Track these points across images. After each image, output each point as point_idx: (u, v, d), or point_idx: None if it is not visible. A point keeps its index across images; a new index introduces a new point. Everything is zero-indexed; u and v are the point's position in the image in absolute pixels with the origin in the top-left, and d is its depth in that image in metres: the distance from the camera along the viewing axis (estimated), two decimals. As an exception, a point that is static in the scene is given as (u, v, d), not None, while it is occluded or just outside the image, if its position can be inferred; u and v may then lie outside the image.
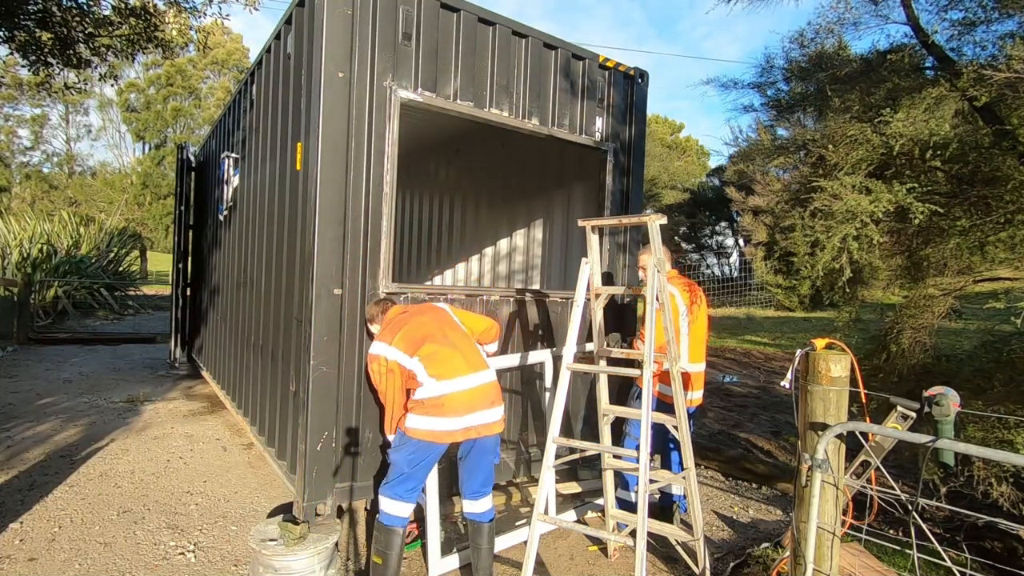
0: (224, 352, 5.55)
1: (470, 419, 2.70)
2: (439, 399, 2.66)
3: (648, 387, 2.72)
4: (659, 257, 2.89)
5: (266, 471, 4.33)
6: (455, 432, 2.69)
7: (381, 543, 2.73)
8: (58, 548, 3.14)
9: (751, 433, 5.83)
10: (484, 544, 2.83)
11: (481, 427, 2.73)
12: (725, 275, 23.78)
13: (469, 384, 2.71)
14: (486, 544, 2.83)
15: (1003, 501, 3.26)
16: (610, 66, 4.18)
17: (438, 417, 2.66)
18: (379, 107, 3.18)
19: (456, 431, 2.69)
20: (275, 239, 3.88)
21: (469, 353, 2.81)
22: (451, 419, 2.66)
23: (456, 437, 2.71)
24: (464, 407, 2.68)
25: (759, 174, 18.99)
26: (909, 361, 3.98)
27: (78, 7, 6.93)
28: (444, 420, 2.66)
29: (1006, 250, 3.76)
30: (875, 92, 3.95)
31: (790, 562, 2.30)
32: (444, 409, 2.66)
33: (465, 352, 2.79)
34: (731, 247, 27.70)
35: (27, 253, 12.63)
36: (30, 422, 5.29)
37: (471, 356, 2.81)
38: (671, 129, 36.66)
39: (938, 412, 2.26)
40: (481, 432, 2.74)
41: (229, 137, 5.62)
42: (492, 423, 2.77)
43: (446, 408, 2.66)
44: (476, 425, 2.72)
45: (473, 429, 2.71)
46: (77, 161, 41.51)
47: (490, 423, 2.76)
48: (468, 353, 2.80)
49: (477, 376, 2.76)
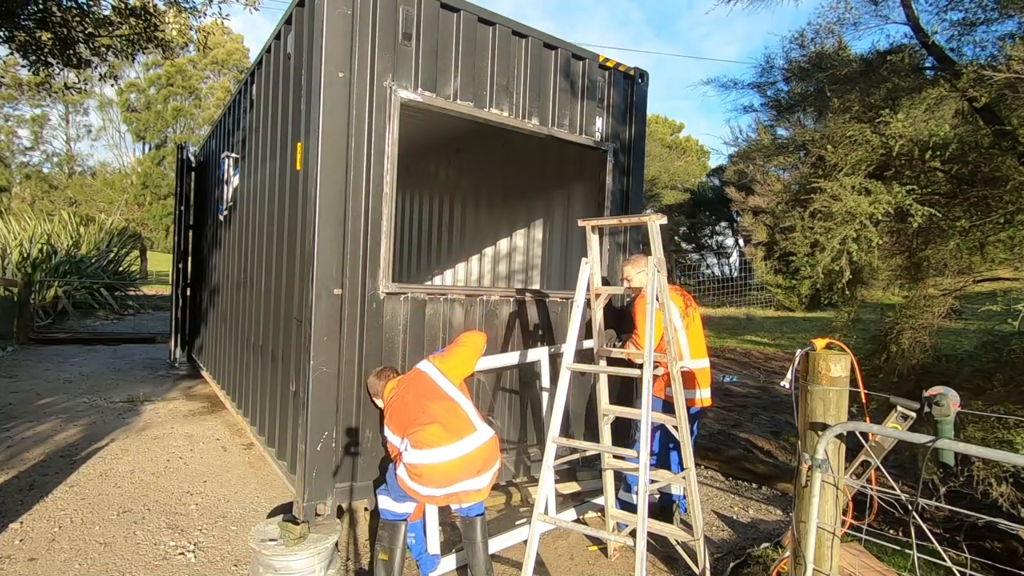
0: (224, 352, 5.56)
1: (452, 488, 2.65)
2: (418, 467, 2.60)
3: (648, 387, 2.72)
4: (659, 257, 2.89)
5: (266, 471, 4.33)
6: (437, 498, 2.67)
7: (387, 539, 2.76)
8: (58, 548, 3.14)
9: (751, 433, 5.82)
10: (478, 538, 2.82)
11: (463, 494, 2.69)
12: (725, 275, 23.78)
13: (451, 455, 2.60)
14: (480, 538, 2.82)
15: (1003, 501, 3.26)
16: (610, 66, 4.18)
17: (419, 484, 2.63)
18: (379, 107, 3.18)
19: (437, 497, 2.67)
20: (275, 239, 3.88)
21: (451, 422, 2.68)
22: (431, 488, 2.63)
23: (438, 502, 2.72)
24: (445, 479, 2.62)
25: (759, 174, 19.01)
26: (909, 361, 3.99)
27: (78, 7, 6.93)
28: (424, 488, 2.64)
29: (1006, 250, 3.76)
30: (875, 92, 3.95)
31: (790, 562, 2.30)
32: (423, 479, 2.61)
33: (447, 422, 2.67)
34: (731, 247, 27.72)
35: (27, 253, 12.63)
36: (30, 422, 5.29)
37: (454, 424, 2.68)
38: (671, 129, 36.66)
39: (938, 412, 2.26)
40: (463, 500, 2.72)
41: (229, 137, 5.62)
42: (476, 491, 2.71)
43: (424, 479, 2.61)
44: (459, 492, 2.67)
45: (455, 496, 2.69)
46: (77, 161, 41.54)
47: (473, 491, 2.70)
48: (450, 422, 2.67)
49: (462, 444, 2.64)
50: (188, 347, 7.90)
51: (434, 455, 2.59)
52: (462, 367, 2.95)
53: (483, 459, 2.70)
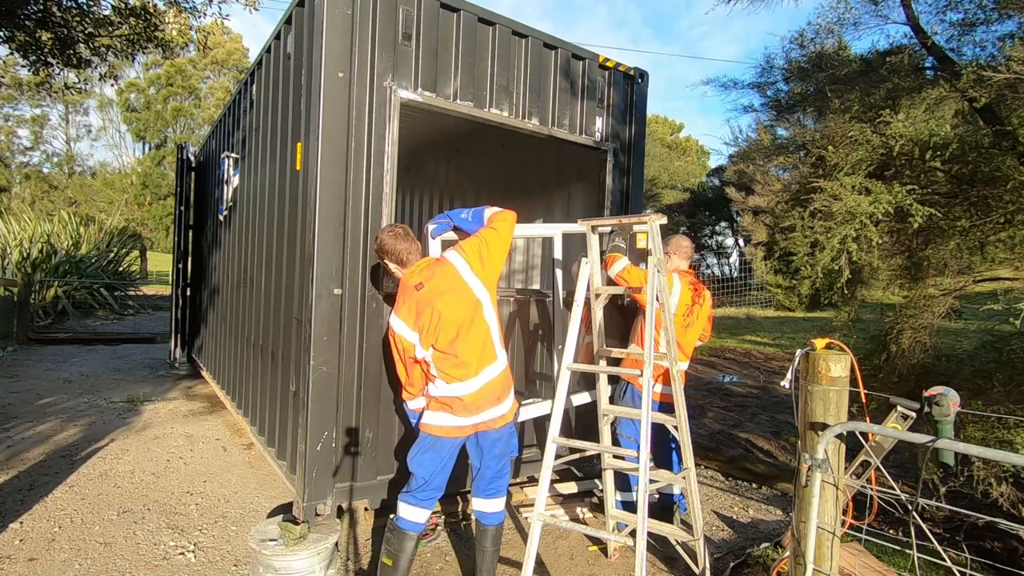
0: (224, 352, 5.55)
1: (477, 417, 2.72)
2: (448, 400, 2.69)
3: (648, 387, 2.72)
4: (659, 257, 2.89)
5: (266, 471, 4.33)
6: (464, 427, 2.72)
7: (394, 545, 2.71)
8: (58, 548, 3.14)
9: (751, 433, 5.82)
10: (489, 547, 2.81)
11: (489, 422, 2.76)
12: (725, 275, 23.78)
13: (475, 386, 2.69)
14: (491, 547, 2.81)
15: (1003, 501, 3.26)
16: (610, 66, 4.18)
17: (447, 414, 2.70)
18: (379, 107, 3.18)
19: (466, 427, 2.73)
20: (275, 239, 3.88)
21: (479, 348, 2.70)
22: (460, 417, 2.70)
23: (466, 432, 2.74)
24: (472, 408, 2.70)
25: (759, 174, 19.00)
26: (909, 361, 3.99)
27: (78, 7, 6.93)
28: (453, 417, 2.70)
29: (1006, 250, 3.76)
30: (875, 92, 3.96)
31: (790, 562, 2.30)
32: (453, 409, 2.70)
33: (475, 348, 2.68)
34: (731, 247, 27.73)
35: (27, 253, 12.62)
36: (30, 422, 5.29)
37: (481, 352, 2.70)
38: (671, 129, 36.66)
39: (938, 412, 2.26)
40: (489, 426, 2.77)
41: (229, 137, 5.62)
42: (498, 417, 2.77)
43: (455, 408, 2.69)
44: (485, 420, 2.75)
45: (482, 424, 2.75)
46: (77, 161, 41.53)
47: (496, 418, 2.77)
48: (477, 349, 2.69)
49: (484, 375, 2.71)
50: (188, 347, 7.90)
51: (463, 387, 2.67)
52: (497, 265, 2.81)
53: (501, 386, 2.77)
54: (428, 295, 2.64)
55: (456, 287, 2.67)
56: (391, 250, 2.74)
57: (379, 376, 3.25)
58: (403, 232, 2.77)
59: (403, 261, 2.75)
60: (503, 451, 2.84)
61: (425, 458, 2.72)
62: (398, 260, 2.75)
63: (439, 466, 2.73)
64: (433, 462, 2.72)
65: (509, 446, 2.87)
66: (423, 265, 2.74)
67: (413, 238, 2.79)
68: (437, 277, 2.66)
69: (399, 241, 2.74)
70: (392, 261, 2.77)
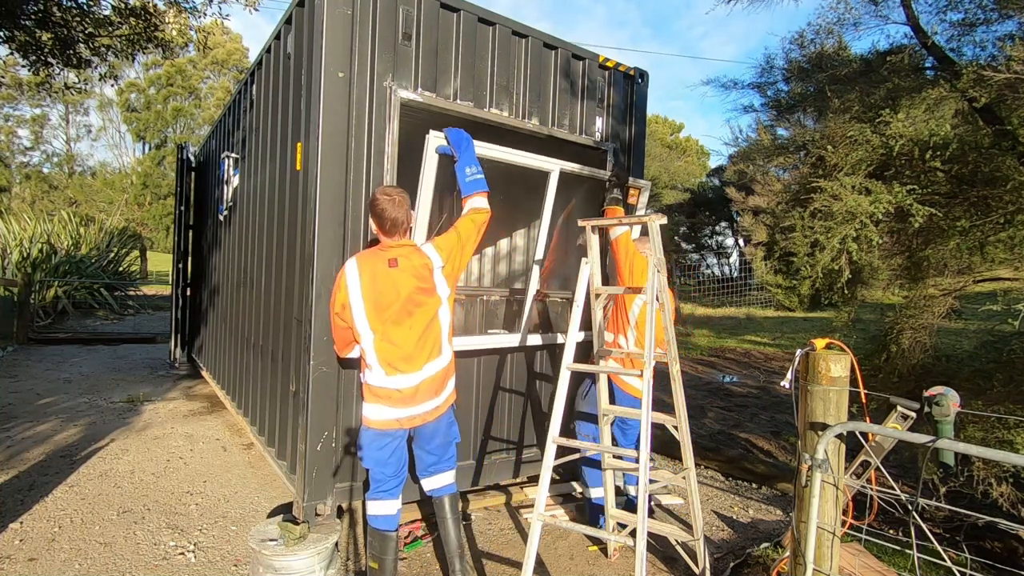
0: (224, 352, 5.55)
1: (414, 409, 2.73)
2: (386, 391, 2.69)
3: (648, 388, 2.71)
4: (659, 257, 2.89)
5: (266, 471, 4.33)
6: (402, 420, 2.72)
7: (375, 548, 2.74)
8: (58, 548, 3.14)
9: (751, 433, 5.83)
10: (448, 515, 2.83)
11: (425, 414, 2.76)
12: (725, 275, 23.78)
13: (416, 380, 2.70)
14: (450, 515, 2.84)
15: (1003, 501, 3.26)
16: (610, 66, 4.18)
17: (384, 406, 2.70)
18: (379, 107, 3.18)
19: (403, 419, 2.73)
20: (275, 239, 3.88)
21: (428, 345, 2.72)
22: (396, 409, 2.71)
23: (403, 424, 2.74)
24: (409, 400, 2.71)
25: (759, 174, 19.00)
26: (909, 361, 3.99)
27: (78, 7, 6.93)
28: (390, 409, 2.70)
29: (1006, 250, 3.76)
30: (875, 92, 3.96)
31: (790, 562, 2.30)
32: (390, 400, 2.70)
33: (424, 344, 2.71)
34: (731, 247, 27.73)
35: (27, 253, 12.62)
36: (30, 422, 5.29)
37: (429, 348, 2.73)
38: (671, 129, 36.68)
39: (938, 412, 2.26)
40: (425, 419, 2.77)
41: (229, 137, 5.62)
42: (433, 409, 2.78)
43: (392, 400, 2.69)
44: (421, 413, 2.75)
45: (418, 417, 2.75)
46: (77, 161, 41.51)
47: (431, 409, 2.77)
48: (427, 345, 2.72)
49: (427, 369, 2.72)
50: (188, 347, 7.89)
51: (402, 380, 2.67)
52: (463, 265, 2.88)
53: (440, 381, 2.78)
54: (399, 275, 2.65)
55: (423, 281, 2.70)
56: (381, 214, 2.68)
57: (379, 376, 3.24)
58: (400, 200, 2.71)
59: (387, 231, 2.71)
60: (442, 442, 2.87)
61: (372, 453, 2.73)
62: (383, 228, 2.70)
63: (387, 457, 2.74)
64: (380, 454, 2.73)
65: (448, 435, 2.89)
66: (408, 247, 2.73)
67: (408, 211, 2.75)
68: (413, 265, 2.69)
69: (396, 209, 2.68)
70: (376, 224, 2.72)
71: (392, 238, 2.72)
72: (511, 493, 4.06)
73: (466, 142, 3.04)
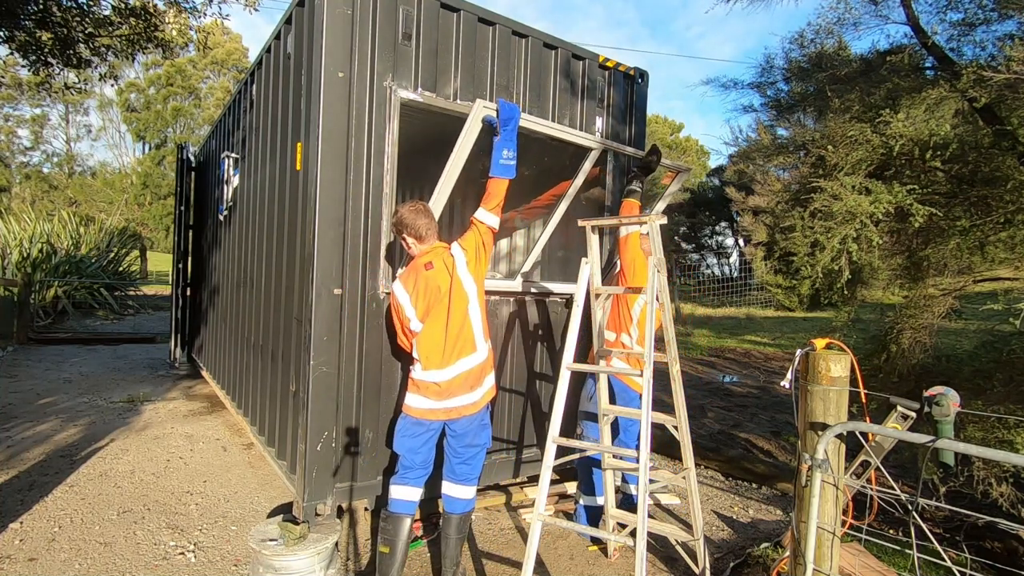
0: (224, 352, 5.55)
1: (449, 402, 2.84)
2: (424, 384, 2.84)
3: (648, 389, 2.71)
4: (659, 257, 2.89)
5: (266, 471, 4.33)
6: (437, 411, 2.84)
7: (389, 532, 2.81)
8: (58, 548, 3.14)
9: (751, 433, 5.83)
10: (453, 535, 2.90)
11: (461, 408, 2.86)
12: (725, 275, 23.79)
13: (449, 375, 2.82)
14: (455, 535, 2.90)
15: (1003, 501, 3.26)
16: (610, 66, 4.18)
17: (423, 397, 2.84)
18: (379, 107, 3.18)
19: (438, 410, 2.84)
20: (275, 239, 3.88)
21: (459, 340, 2.84)
22: (433, 400, 2.83)
23: (438, 416, 2.84)
24: (444, 394, 2.83)
25: (759, 174, 19.01)
26: (909, 361, 3.98)
27: (78, 7, 6.93)
28: (428, 400, 2.83)
29: (1006, 250, 3.76)
30: (875, 92, 3.95)
31: (790, 562, 2.30)
32: (428, 392, 2.84)
33: (455, 340, 2.83)
34: (731, 247, 27.74)
35: (27, 253, 12.62)
36: (30, 422, 5.29)
37: (461, 344, 2.84)
38: (671, 129, 36.68)
39: (938, 412, 2.26)
40: (462, 413, 2.87)
41: (229, 137, 5.61)
42: (469, 404, 2.88)
43: (429, 392, 2.84)
44: (456, 407, 2.85)
45: (454, 410, 2.85)
46: (77, 161, 41.52)
47: (467, 404, 2.87)
48: (459, 340, 2.84)
49: (460, 364, 2.84)
50: (188, 347, 7.89)
51: (437, 375, 2.81)
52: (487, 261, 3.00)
53: (476, 376, 2.89)
54: (436, 275, 2.82)
55: (453, 278, 2.85)
56: (411, 224, 2.84)
57: (379, 376, 3.25)
58: (423, 208, 2.90)
59: (421, 236, 2.86)
60: (472, 441, 2.93)
61: (405, 439, 2.86)
62: (417, 235, 2.86)
63: (419, 445, 2.86)
64: (413, 442, 2.85)
65: (480, 438, 2.96)
66: (439, 248, 2.90)
67: (432, 215, 2.92)
68: (445, 263, 2.85)
69: (420, 216, 2.85)
70: (411, 236, 2.86)
71: (427, 243, 2.88)
72: (511, 493, 4.06)
73: (514, 122, 3.05)
